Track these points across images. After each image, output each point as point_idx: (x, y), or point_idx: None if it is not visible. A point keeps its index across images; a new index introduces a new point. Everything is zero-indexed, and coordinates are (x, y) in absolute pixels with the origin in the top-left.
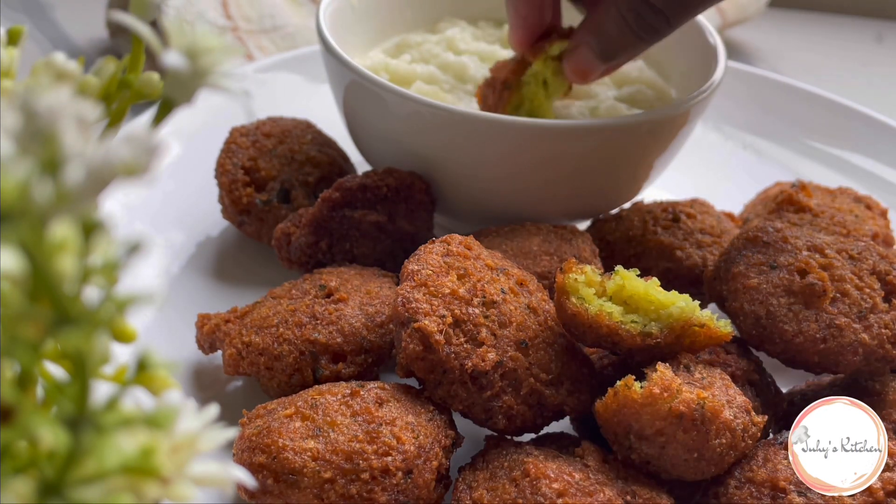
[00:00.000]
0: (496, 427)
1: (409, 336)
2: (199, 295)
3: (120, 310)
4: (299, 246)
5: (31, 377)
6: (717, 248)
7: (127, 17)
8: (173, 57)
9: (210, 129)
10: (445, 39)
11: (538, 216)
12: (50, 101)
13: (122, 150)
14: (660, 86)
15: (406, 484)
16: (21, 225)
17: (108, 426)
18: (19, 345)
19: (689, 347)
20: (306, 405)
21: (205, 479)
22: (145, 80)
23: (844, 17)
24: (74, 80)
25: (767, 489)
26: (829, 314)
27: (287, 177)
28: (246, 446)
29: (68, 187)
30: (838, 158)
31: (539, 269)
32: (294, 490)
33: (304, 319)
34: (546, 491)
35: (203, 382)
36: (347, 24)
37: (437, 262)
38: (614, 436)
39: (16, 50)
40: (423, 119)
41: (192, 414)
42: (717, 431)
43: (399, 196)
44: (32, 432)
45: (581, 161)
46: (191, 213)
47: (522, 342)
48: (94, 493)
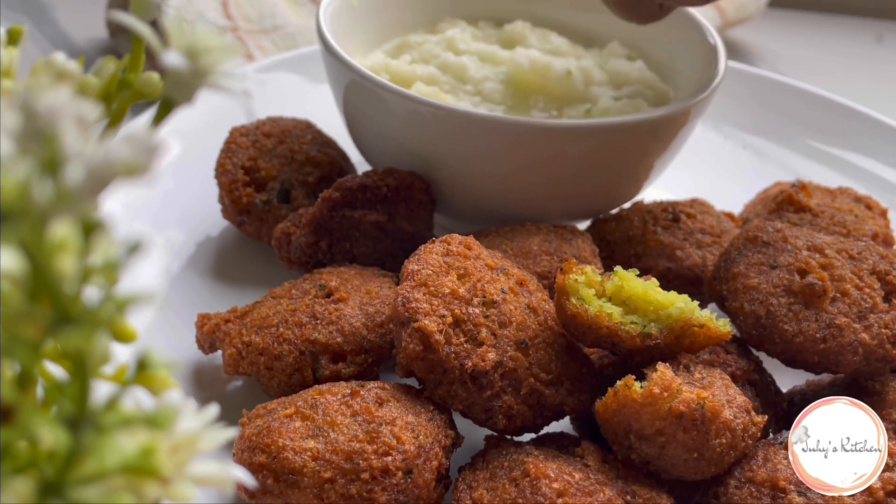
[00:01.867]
0: (496, 427)
1: (409, 336)
2: (199, 295)
3: (120, 310)
4: (299, 246)
5: (31, 377)
6: (717, 248)
7: (127, 16)
8: (173, 57)
9: (210, 129)
10: (445, 40)
11: (538, 216)
12: (50, 101)
13: (122, 149)
14: (660, 86)
15: (406, 484)
16: (21, 225)
17: (108, 426)
18: (19, 345)
19: (688, 348)
20: (306, 405)
21: (205, 478)
22: (145, 80)
23: (844, 17)
24: (74, 80)
25: (767, 489)
26: (829, 314)
27: (287, 177)
28: (246, 446)
29: (68, 187)
30: (838, 158)
31: (539, 269)
32: (294, 490)
33: (304, 319)
34: (546, 491)
35: (203, 382)
36: (347, 24)
37: (437, 261)
38: (614, 436)
39: (16, 50)
40: (423, 119)
41: (192, 414)
42: (717, 431)
43: (399, 196)
44: (32, 432)
45: (581, 161)
46: (191, 212)
47: (522, 342)
48: (94, 493)
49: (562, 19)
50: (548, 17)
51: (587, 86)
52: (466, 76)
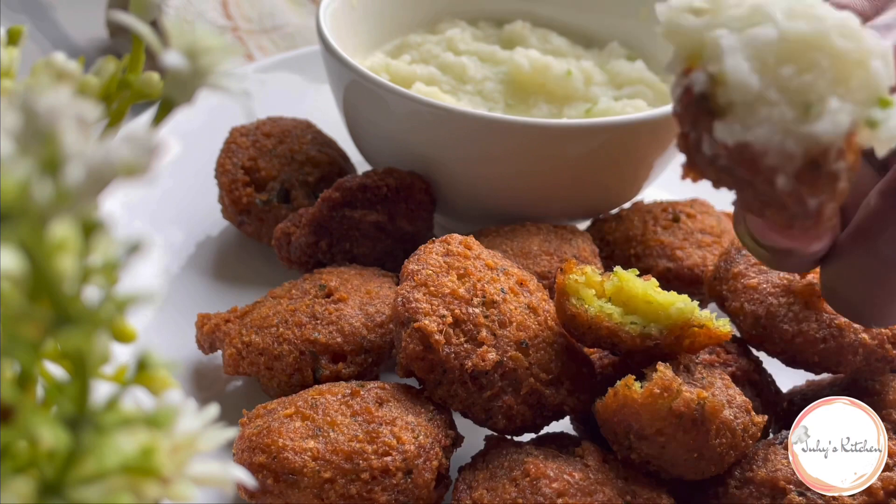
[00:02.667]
0: (496, 427)
1: (409, 336)
2: (199, 295)
3: (120, 309)
4: (299, 246)
5: (31, 377)
6: (717, 248)
7: (127, 16)
8: (173, 57)
9: (210, 129)
10: (445, 40)
11: (538, 216)
12: (50, 101)
13: (122, 149)
14: (660, 86)
15: (406, 484)
16: (21, 225)
17: (108, 426)
18: (19, 345)
19: (688, 348)
20: (306, 405)
21: (205, 478)
22: (145, 80)
23: None
24: (74, 80)
25: (767, 489)
26: (829, 314)
27: (287, 177)
28: (246, 446)
29: (68, 187)
30: None
31: (539, 269)
32: (294, 490)
33: (304, 319)
34: (546, 491)
35: (203, 382)
36: (347, 24)
37: (437, 261)
38: (614, 435)
39: (16, 50)
40: (423, 118)
41: (192, 414)
42: (718, 431)
43: (399, 196)
44: (32, 432)
45: (581, 161)
46: (191, 212)
47: (522, 342)
48: (94, 493)
49: (562, 19)
50: (548, 17)
51: (587, 86)
52: (466, 76)
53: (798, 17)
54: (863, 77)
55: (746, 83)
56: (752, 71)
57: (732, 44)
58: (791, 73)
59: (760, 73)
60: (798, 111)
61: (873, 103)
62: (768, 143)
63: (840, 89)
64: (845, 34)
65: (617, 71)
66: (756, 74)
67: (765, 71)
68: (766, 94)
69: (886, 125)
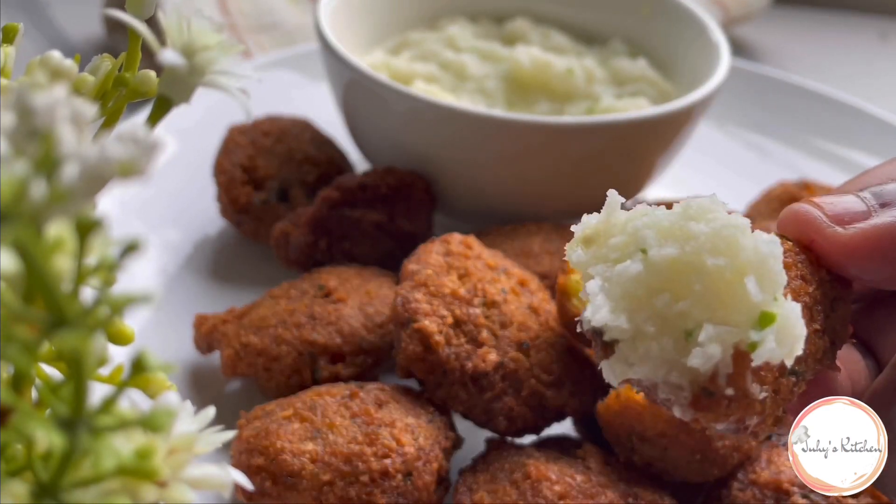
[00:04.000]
0: (497, 429)
1: (408, 336)
2: (197, 295)
3: (116, 310)
4: (298, 245)
5: (27, 378)
6: None
7: (123, 14)
8: (170, 54)
9: (208, 128)
10: (446, 37)
11: (539, 215)
12: (45, 100)
13: (119, 148)
14: (662, 84)
15: (406, 486)
16: (16, 225)
17: (105, 428)
18: (14, 346)
19: None
20: (305, 406)
21: (202, 481)
22: (142, 78)
23: (848, 15)
24: (70, 78)
25: (771, 491)
26: None
27: (285, 176)
28: (244, 448)
29: (64, 186)
30: (842, 157)
31: (540, 269)
32: (293, 493)
33: (303, 320)
34: (547, 493)
35: (200, 383)
36: (347, 21)
37: (437, 261)
38: (616, 437)
39: (11, 47)
40: (423, 117)
41: (189, 416)
42: (720, 433)
43: (399, 195)
44: (28, 434)
45: (583, 159)
46: (188, 212)
47: (524, 343)
48: (90, 496)
49: (563, 16)
50: (549, 15)
51: (588, 84)
52: (467, 74)
53: (670, 239)
54: (739, 295)
55: (614, 325)
56: (619, 311)
57: (595, 288)
58: (665, 302)
59: (630, 310)
60: (678, 341)
61: (752, 323)
62: (654, 379)
63: (718, 313)
64: (719, 249)
65: (619, 68)
66: (623, 314)
67: (636, 307)
68: (642, 328)
69: (764, 347)
